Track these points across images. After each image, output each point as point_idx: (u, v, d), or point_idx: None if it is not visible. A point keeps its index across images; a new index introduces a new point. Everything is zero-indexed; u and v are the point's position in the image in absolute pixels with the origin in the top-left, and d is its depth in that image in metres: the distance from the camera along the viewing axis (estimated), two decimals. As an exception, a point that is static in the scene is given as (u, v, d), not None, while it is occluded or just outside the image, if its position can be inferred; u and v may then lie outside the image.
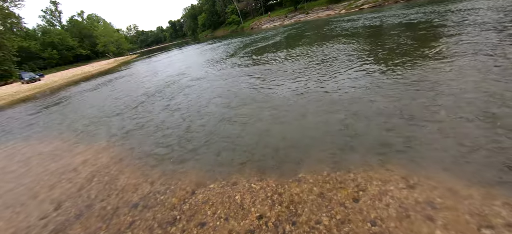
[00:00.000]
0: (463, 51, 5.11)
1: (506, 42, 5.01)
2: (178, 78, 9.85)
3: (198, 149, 3.57)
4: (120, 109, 6.94)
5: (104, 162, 3.86)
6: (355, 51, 7.40)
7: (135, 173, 3.32)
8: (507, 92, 3.12)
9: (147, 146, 4.07)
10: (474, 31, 6.56)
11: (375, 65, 5.59)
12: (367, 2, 30.23)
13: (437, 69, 4.48)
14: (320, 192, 2.21)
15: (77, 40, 54.46)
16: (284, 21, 40.84)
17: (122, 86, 11.47)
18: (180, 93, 7.12)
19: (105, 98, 9.19)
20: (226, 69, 9.36)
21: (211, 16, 77.09)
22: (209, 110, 5.09)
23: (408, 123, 2.98)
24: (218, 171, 2.92)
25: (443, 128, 2.74)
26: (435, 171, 2.17)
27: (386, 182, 2.16)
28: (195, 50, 24.93)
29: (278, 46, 12.97)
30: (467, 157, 2.25)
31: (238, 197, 2.39)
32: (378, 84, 4.40)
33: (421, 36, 7.57)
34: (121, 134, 4.92)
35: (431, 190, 1.98)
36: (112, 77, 16.87)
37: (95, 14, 66.93)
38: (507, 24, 6.41)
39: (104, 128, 5.59)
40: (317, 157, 2.74)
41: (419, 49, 6.02)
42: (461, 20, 8.37)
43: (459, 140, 2.48)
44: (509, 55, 4.33)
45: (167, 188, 2.79)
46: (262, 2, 59.86)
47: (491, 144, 2.32)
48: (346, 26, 14.76)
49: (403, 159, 2.41)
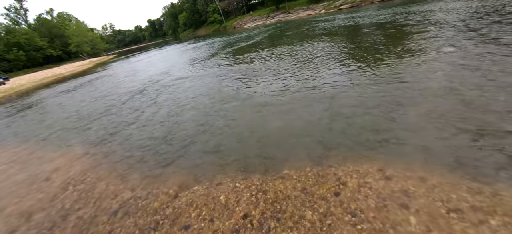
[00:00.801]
0: (431, 47, 5.48)
1: (467, 38, 5.45)
2: (159, 79, 9.54)
3: (181, 151, 3.49)
4: (97, 113, 6.57)
5: (79, 169, 3.64)
6: (334, 50, 7.64)
7: (114, 179, 3.16)
8: (470, 85, 3.40)
9: (126, 151, 3.90)
10: (441, 29, 7.05)
11: (353, 63, 5.81)
12: (345, 2, 31.34)
13: (408, 65, 4.75)
14: (303, 187, 2.26)
15: (46, 40, 50.55)
16: (266, 21, 41.08)
17: (98, 89, 10.88)
18: (161, 95, 6.91)
19: (79, 102, 8.66)
20: (209, 69, 9.23)
21: (192, 15, 75.49)
22: (192, 112, 4.99)
23: (383, 118, 3.14)
24: (202, 172, 2.88)
25: (414, 121, 2.92)
26: (408, 162, 2.31)
27: (364, 174, 2.26)
28: (176, 50, 24.28)
29: (261, 45, 13.03)
30: (436, 147, 2.42)
31: (222, 197, 2.37)
32: (356, 82, 4.58)
33: (395, 34, 8.00)
34: (98, 139, 4.67)
35: (405, 180, 2.11)
36: (87, 79, 15.93)
37: (66, 13, 62.52)
38: (468, 22, 6.98)
39: (78, 134, 5.26)
40: (300, 154, 2.80)
41: (393, 46, 6.36)
42: (429, 20, 8.97)
43: (429, 132, 2.66)
44: (470, 50, 4.71)
45: (149, 193, 2.70)
46: (244, 2, 59.73)
47: (457, 135, 2.52)
48: (326, 25, 15.20)
49: (379, 152, 2.54)
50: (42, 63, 48.57)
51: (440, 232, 1.59)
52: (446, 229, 1.60)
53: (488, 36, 5.41)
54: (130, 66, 18.42)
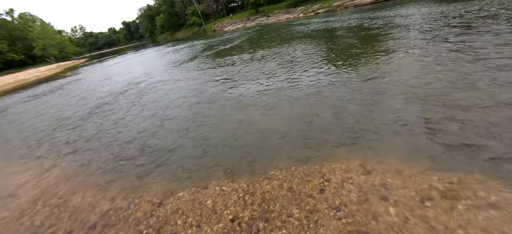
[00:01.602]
0: (400, 48, 5.90)
1: (432, 40, 5.96)
2: (136, 83, 9.14)
3: (164, 157, 3.37)
4: (69, 121, 6.12)
5: (50, 182, 3.36)
6: (313, 52, 7.91)
7: (90, 190, 2.97)
8: (437, 81, 3.72)
9: (104, 160, 3.68)
10: (408, 31, 7.64)
11: (330, 64, 6.06)
12: (322, 7, 32.68)
13: (380, 65, 5.07)
14: (290, 186, 2.30)
15: (6, 44, 45.97)
16: (246, 24, 41.34)
17: (69, 95, 10.13)
18: (139, 100, 6.62)
19: (48, 110, 7.98)
20: (190, 72, 9.04)
21: (170, 17, 73.54)
22: (174, 116, 4.85)
23: (360, 115, 3.32)
24: (187, 178, 2.81)
25: (388, 117, 3.12)
26: (385, 156, 2.46)
27: (347, 170, 2.36)
28: (155, 53, 23.45)
29: (242, 48, 13.07)
30: (408, 141, 2.61)
31: (209, 202, 2.33)
32: (333, 82, 4.79)
33: (367, 36, 8.49)
34: (71, 149, 4.35)
35: (383, 173, 2.24)
36: (56, 85, 14.75)
37: (30, 13, 57.46)
38: (433, 27, 7.64)
39: (48, 144, 4.86)
40: (285, 154, 2.85)
41: (366, 48, 6.75)
42: (397, 24, 9.66)
43: (402, 127, 2.86)
44: (433, 51, 5.15)
45: (131, 203, 2.57)
46: (224, 5, 59.56)
47: (428, 128, 2.73)
48: (305, 29, 15.69)
49: (359, 148, 2.68)
50: (2, 68, 44.06)
51: (416, 220, 1.72)
52: (421, 217, 1.73)
53: (447, 39, 5.96)
54: (104, 71, 17.42)
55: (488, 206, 1.74)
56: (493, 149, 2.25)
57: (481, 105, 2.94)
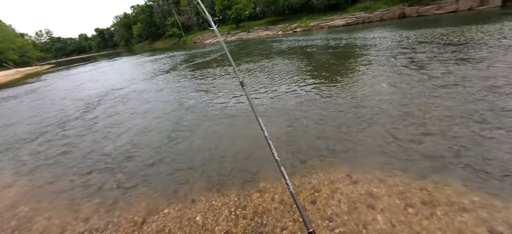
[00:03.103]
0: (372, 65, 6.44)
1: (401, 59, 6.61)
2: (109, 93, 8.62)
3: (145, 171, 3.18)
4: (32, 132, 5.50)
5: (9, 201, 2.94)
6: (293, 66, 8.25)
7: (59, 210, 2.66)
8: (407, 96, 4.10)
9: (75, 175, 3.34)
10: (378, 51, 8.40)
11: (310, 78, 6.37)
12: (299, 26, 34.63)
13: (356, 80, 5.46)
14: (281, 199, 2.30)
15: None
16: (227, 38, 41.93)
17: (30, 104, 9.16)
18: (113, 110, 6.23)
19: (4, 120, 7.10)
20: (170, 83, 8.81)
21: (148, 27, 71.65)
22: (154, 128, 4.63)
23: (342, 128, 3.50)
24: (171, 193, 2.67)
25: (368, 129, 3.33)
26: (369, 166, 2.61)
27: (335, 181, 2.45)
28: (130, 62, 22.49)
29: (223, 60, 13.15)
30: (388, 152, 2.80)
31: (199, 217, 2.23)
32: (313, 95, 5.01)
33: (342, 54, 9.15)
34: (35, 164, 3.89)
35: (369, 182, 2.36)
36: (14, 93, 13.27)
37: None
38: (400, 47, 8.50)
39: (7, 158, 4.29)
40: (273, 165, 2.86)
41: (342, 64, 7.25)
42: (368, 44, 10.59)
43: (382, 138, 3.07)
44: (404, 67, 5.72)
45: (109, 222, 2.35)
46: (204, 18, 59.94)
47: (403, 140, 2.97)
48: (284, 45, 16.38)
49: (345, 159, 2.80)
50: None
51: (402, 226, 1.82)
52: (406, 223, 1.84)
53: (413, 58, 6.67)
54: (71, 79, 16.16)
55: (461, 210, 1.91)
56: (462, 158, 2.51)
57: (447, 118, 3.30)
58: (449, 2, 24.17)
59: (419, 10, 26.27)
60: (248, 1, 43.39)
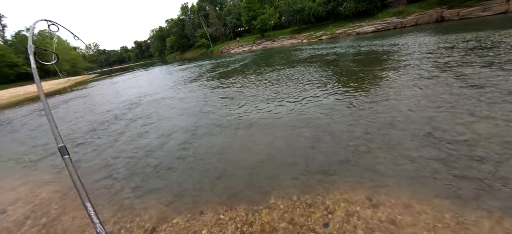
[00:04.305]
0: (404, 76, 5.91)
1: (441, 69, 5.97)
2: (141, 99, 9.25)
3: (159, 179, 3.27)
4: (69, 136, 6.12)
5: (43, 199, 3.25)
6: (317, 76, 7.99)
7: (82, 211, 2.84)
8: (442, 112, 3.64)
9: (99, 179, 3.58)
10: (410, 58, 7.72)
11: (335, 89, 6.07)
12: (325, 34, 33.84)
13: (387, 91, 5.04)
14: (291, 218, 2.16)
15: (23, 57, 48.08)
16: (252, 47, 42.74)
17: (74, 108, 10.28)
18: (141, 118, 6.64)
19: (49, 124, 8.04)
20: (195, 92, 9.16)
21: (180, 38, 76.74)
22: (173, 136, 4.80)
23: (367, 144, 3.21)
24: (182, 202, 2.68)
25: (397, 147, 3.01)
26: (393, 189, 2.32)
27: (352, 202, 2.22)
28: (163, 71, 24.11)
29: (248, 70, 13.34)
30: (417, 173, 2.48)
31: (205, 231, 2.19)
32: (339, 107, 4.74)
33: (370, 63, 8.59)
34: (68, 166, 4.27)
35: (391, 207, 2.09)
36: (63, 99, 15.06)
37: (49, 30, 60.77)
38: (434, 55, 7.72)
39: (46, 158, 4.80)
40: (286, 181, 2.73)
41: (369, 74, 6.79)
42: (399, 51, 9.82)
43: (410, 158, 2.73)
44: (437, 80, 5.14)
45: (122, 228, 2.43)
46: (231, 29, 62.18)
47: (436, 159, 2.61)
48: (309, 53, 16.07)
49: (365, 179, 2.54)
50: (14, 80, 45.62)
51: (430, 265, 1.55)
52: (435, 262, 1.57)
53: (450, 65, 5.98)
54: (112, 86, 17.82)
55: (510, 253, 1.57)
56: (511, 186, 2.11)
57: (491, 137, 2.83)
58: (498, 3, 21.49)
59: (461, 13, 23.82)
60: (274, 11, 43.92)
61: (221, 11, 64.30)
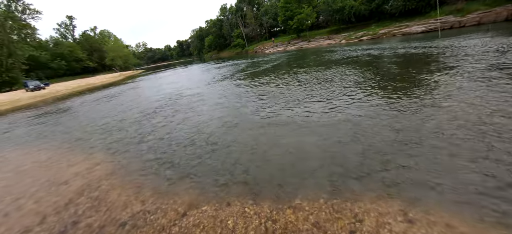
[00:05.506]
0: (455, 81, 5.20)
1: (495, 74, 5.11)
2: (181, 94, 9.99)
3: (194, 168, 3.51)
4: (121, 123, 6.95)
5: (97, 175, 3.77)
6: (356, 79, 7.56)
7: (127, 189, 3.23)
8: (496, 122, 3.12)
9: (142, 162, 4.01)
10: (461, 63, 6.73)
11: (375, 93, 5.67)
12: (366, 34, 31.57)
13: (433, 99, 4.52)
14: (316, 221, 2.12)
15: (86, 53, 56.21)
16: (287, 47, 42.33)
17: (125, 100, 11.61)
18: (181, 111, 7.17)
19: (106, 111, 9.25)
20: (230, 89, 9.51)
21: (217, 38, 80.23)
22: (209, 130, 5.07)
23: (407, 154, 2.95)
24: (212, 192, 2.84)
25: (442, 160, 2.70)
26: (434, 205, 2.10)
27: (384, 214, 2.08)
28: (200, 68, 25.57)
29: (281, 70, 13.30)
30: (465, 191, 2.19)
31: (230, 222, 2.29)
32: (378, 112, 4.42)
33: (416, 66, 7.76)
34: (118, 148, 4.87)
35: (430, 226, 1.90)
36: (116, 90, 17.13)
37: (107, 30, 69.91)
38: (489, 58, 6.61)
39: (102, 141, 5.55)
40: (314, 183, 2.68)
41: (416, 79, 6.14)
42: (450, 54, 8.65)
43: (458, 173, 2.43)
44: (492, 87, 4.39)
45: (158, 208, 2.70)
46: (267, 29, 62.53)
47: (490, 177, 2.27)
48: (347, 54, 15.25)
49: (402, 190, 2.35)
50: (79, 72, 53.48)
51: None
52: None
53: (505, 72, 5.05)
54: (156, 81, 19.60)
55: None
56: None
57: None
58: None
59: (542, 10, 19.85)
60: (311, 10, 42.70)
61: (258, 12, 65.11)
